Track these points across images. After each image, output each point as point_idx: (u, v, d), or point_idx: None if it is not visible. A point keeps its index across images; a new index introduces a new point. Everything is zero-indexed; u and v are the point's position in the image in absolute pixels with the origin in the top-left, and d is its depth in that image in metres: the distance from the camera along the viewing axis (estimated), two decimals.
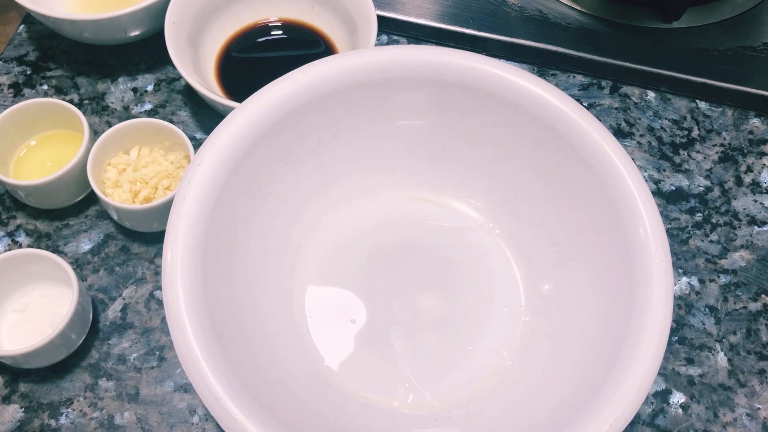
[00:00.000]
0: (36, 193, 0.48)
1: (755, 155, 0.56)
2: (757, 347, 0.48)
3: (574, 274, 0.43)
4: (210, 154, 0.39)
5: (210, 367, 0.33)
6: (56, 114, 0.50)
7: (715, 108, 0.58)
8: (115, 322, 0.47)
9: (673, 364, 0.47)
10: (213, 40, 0.56)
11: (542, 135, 0.42)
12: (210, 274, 0.37)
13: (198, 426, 0.44)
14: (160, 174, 0.49)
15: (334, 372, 0.43)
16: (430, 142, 0.47)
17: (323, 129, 0.44)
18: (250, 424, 0.33)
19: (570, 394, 0.37)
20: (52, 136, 0.52)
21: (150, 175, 0.48)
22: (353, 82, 0.42)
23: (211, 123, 0.55)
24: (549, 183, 0.44)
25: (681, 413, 0.46)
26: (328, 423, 0.39)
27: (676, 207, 0.53)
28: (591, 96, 0.58)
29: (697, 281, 0.50)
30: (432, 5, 0.59)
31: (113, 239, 0.50)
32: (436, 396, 0.43)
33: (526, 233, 0.46)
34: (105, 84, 0.56)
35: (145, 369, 0.46)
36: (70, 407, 0.44)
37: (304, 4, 0.57)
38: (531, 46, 0.58)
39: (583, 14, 0.60)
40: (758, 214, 0.53)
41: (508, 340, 0.44)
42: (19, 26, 0.59)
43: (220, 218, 0.39)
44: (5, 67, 0.57)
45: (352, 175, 0.48)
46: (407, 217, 0.48)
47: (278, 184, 0.44)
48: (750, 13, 0.60)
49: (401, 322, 0.45)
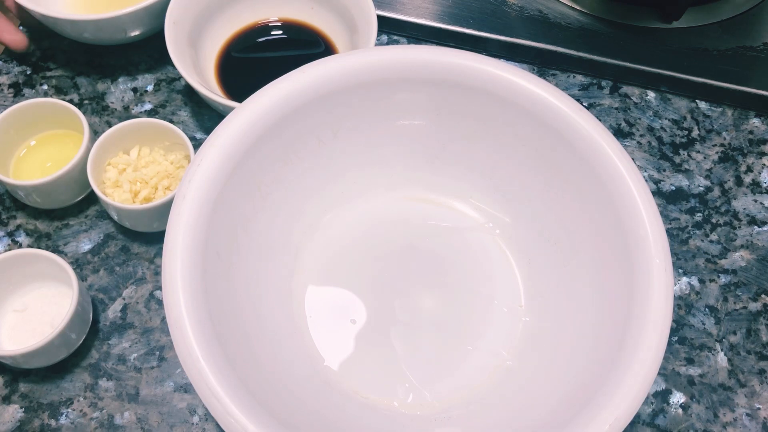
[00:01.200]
0: (36, 193, 0.48)
1: (755, 155, 0.56)
2: (757, 347, 0.48)
3: (574, 274, 0.43)
4: (210, 154, 0.39)
5: (210, 367, 0.33)
6: (56, 114, 0.50)
7: (715, 108, 0.58)
8: (115, 322, 0.47)
9: (673, 364, 0.47)
10: (213, 40, 0.56)
11: (542, 135, 0.42)
12: (210, 274, 0.37)
13: (198, 426, 0.44)
14: (160, 174, 0.49)
15: (334, 372, 0.43)
16: (430, 142, 0.47)
17: (323, 129, 0.44)
18: (250, 424, 0.33)
19: (570, 394, 0.37)
20: (52, 136, 0.52)
21: (150, 175, 0.48)
22: (353, 82, 0.42)
23: (211, 123, 0.55)
24: (549, 183, 0.44)
25: (681, 413, 0.46)
26: (328, 423, 0.39)
27: (676, 207, 0.53)
28: (591, 96, 0.58)
29: (697, 281, 0.50)
30: (432, 5, 0.59)
31: (113, 239, 0.50)
32: (436, 396, 0.43)
33: (526, 233, 0.46)
34: (105, 84, 0.56)
35: (145, 369, 0.46)
36: (70, 407, 0.44)
37: (304, 4, 0.57)
38: (531, 46, 0.58)
39: (583, 14, 0.60)
40: (758, 214, 0.53)
41: (508, 340, 0.44)
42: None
43: (220, 218, 0.39)
44: (5, 67, 0.57)
45: (352, 175, 0.48)
46: (407, 217, 0.48)
47: (278, 184, 0.44)
48: (750, 13, 0.60)
49: (401, 322, 0.45)
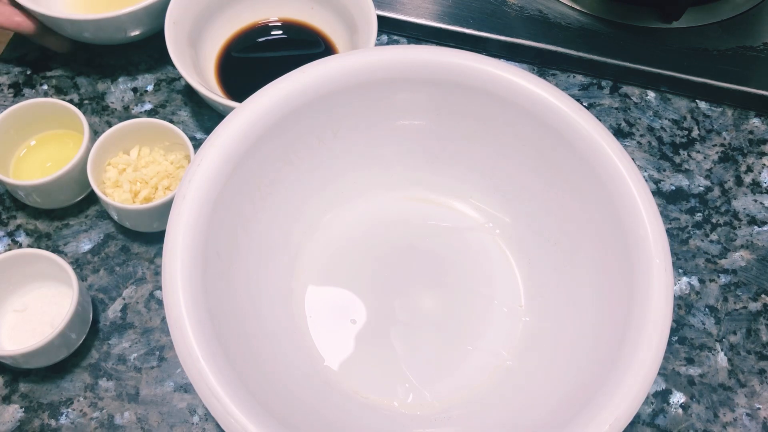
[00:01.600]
0: (36, 193, 0.48)
1: (755, 155, 0.56)
2: (757, 347, 0.48)
3: (575, 274, 0.43)
4: (210, 154, 0.39)
5: (210, 367, 0.33)
6: (56, 114, 0.50)
7: (715, 108, 0.58)
8: (115, 322, 0.47)
9: (673, 364, 0.47)
10: (213, 40, 0.56)
11: (542, 135, 0.42)
12: (210, 274, 0.37)
13: (198, 426, 0.44)
14: (160, 174, 0.49)
15: (334, 372, 0.43)
16: (430, 142, 0.47)
17: (323, 129, 0.44)
18: (250, 424, 0.32)
19: (570, 394, 0.37)
20: (52, 136, 0.52)
21: (150, 175, 0.48)
22: (353, 82, 0.42)
23: (211, 123, 0.55)
24: (549, 183, 0.44)
25: (681, 413, 0.46)
26: (328, 423, 0.39)
27: (676, 207, 0.53)
28: (591, 96, 0.58)
29: (697, 281, 0.50)
30: (432, 5, 0.59)
31: (113, 239, 0.50)
32: (436, 396, 0.43)
33: (526, 233, 0.46)
34: (105, 84, 0.56)
35: (145, 369, 0.46)
36: (70, 407, 0.44)
37: (304, 4, 0.57)
38: (531, 46, 0.58)
39: (583, 14, 0.59)
40: (758, 214, 0.53)
41: (508, 340, 0.44)
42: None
43: (220, 218, 0.39)
44: (5, 67, 0.57)
45: (352, 175, 0.48)
46: (407, 217, 0.48)
47: (278, 184, 0.44)
48: (750, 13, 0.60)
49: (401, 322, 0.45)
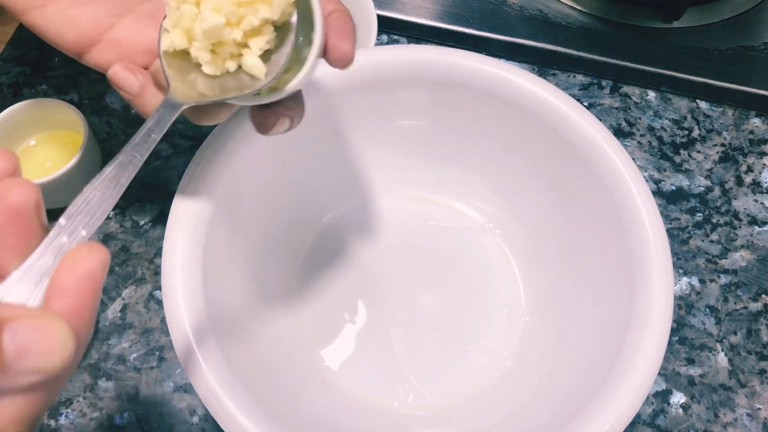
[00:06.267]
0: None
1: (756, 155, 0.56)
2: (757, 347, 0.48)
3: (574, 274, 0.43)
4: (209, 153, 0.39)
5: (210, 367, 0.33)
6: (56, 114, 0.50)
7: (715, 108, 0.58)
8: (115, 322, 0.47)
9: (674, 364, 0.47)
10: None
11: (542, 135, 0.42)
12: (210, 275, 0.37)
13: (198, 426, 0.44)
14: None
15: (334, 372, 0.43)
16: (430, 142, 0.47)
17: (323, 129, 0.44)
18: (250, 424, 0.32)
19: (570, 394, 0.37)
20: (52, 136, 0.51)
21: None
22: (353, 82, 0.42)
23: None
24: (549, 183, 0.44)
25: (681, 413, 0.46)
26: (328, 423, 0.39)
27: (676, 207, 0.53)
28: (591, 96, 0.58)
29: (698, 281, 0.50)
30: (432, 5, 0.59)
31: (113, 239, 0.50)
32: (436, 396, 0.43)
33: (526, 233, 0.46)
34: (105, 84, 0.56)
35: (145, 369, 0.46)
36: (70, 407, 0.44)
37: None
38: (531, 46, 0.58)
39: (583, 14, 0.59)
40: (759, 214, 0.53)
41: (508, 340, 0.44)
42: (19, 26, 0.59)
43: (220, 218, 0.39)
44: (5, 67, 0.57)
45: (352, 175, 0.48)
46: (407, 217, 0.48)
47: (278, 183, 0.44)
48: (750, 13, 0.60)
49: (401, 322, 0.45)
